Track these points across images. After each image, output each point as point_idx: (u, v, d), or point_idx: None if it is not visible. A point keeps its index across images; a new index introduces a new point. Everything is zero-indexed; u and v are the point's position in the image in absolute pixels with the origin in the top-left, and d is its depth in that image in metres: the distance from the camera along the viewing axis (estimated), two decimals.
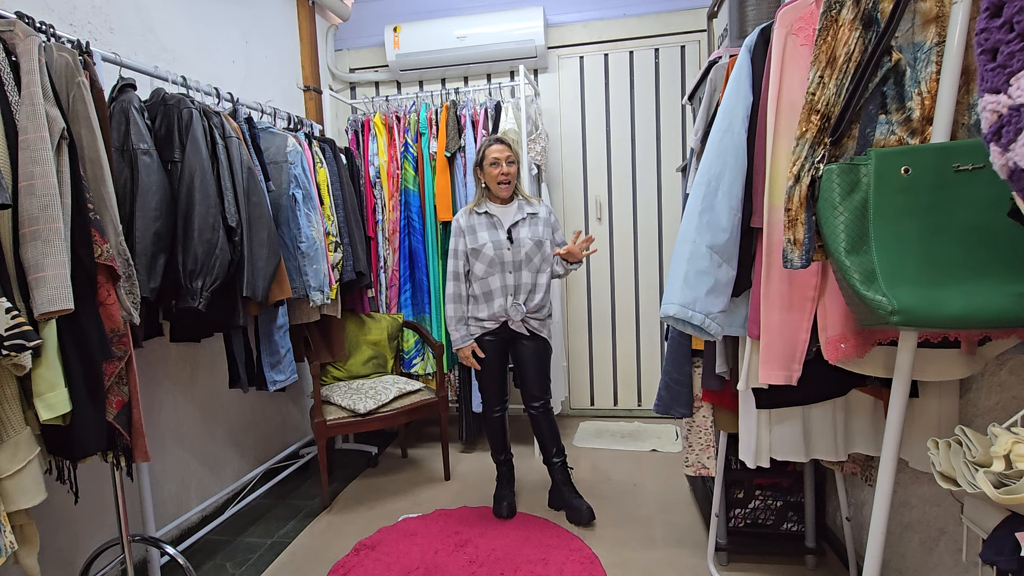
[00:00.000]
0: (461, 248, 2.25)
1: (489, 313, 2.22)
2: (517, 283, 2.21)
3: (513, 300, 2.20)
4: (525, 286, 2.21)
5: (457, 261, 2.26)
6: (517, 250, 2.21)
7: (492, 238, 2.20)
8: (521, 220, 2.23)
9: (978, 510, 0.91)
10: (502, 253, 2.20)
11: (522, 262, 2.21)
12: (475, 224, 2.24)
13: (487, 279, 2.21)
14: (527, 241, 2.21)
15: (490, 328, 2.25)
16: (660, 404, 1.87)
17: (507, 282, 2.20)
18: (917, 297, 0.91)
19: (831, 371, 1.25)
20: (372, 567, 1.98)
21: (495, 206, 2.26)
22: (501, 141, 2.22)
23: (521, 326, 2.23)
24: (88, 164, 1.45)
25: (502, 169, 2.20)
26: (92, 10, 1.96)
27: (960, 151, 0.92)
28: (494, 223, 2.23)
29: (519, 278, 2.21)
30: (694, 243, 1.29)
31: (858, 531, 1.79)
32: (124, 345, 1.50)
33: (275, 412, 2.90)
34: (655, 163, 3.38)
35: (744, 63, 1.31)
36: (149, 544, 1.84)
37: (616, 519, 2.24)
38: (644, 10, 3.29)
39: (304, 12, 3.18)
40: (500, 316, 2.21)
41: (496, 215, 2.24)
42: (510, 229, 2.22)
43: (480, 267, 2.22)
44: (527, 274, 2.21)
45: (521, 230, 2.22)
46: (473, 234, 2.23)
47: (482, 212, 2.25)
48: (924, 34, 0.99)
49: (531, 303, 2.21)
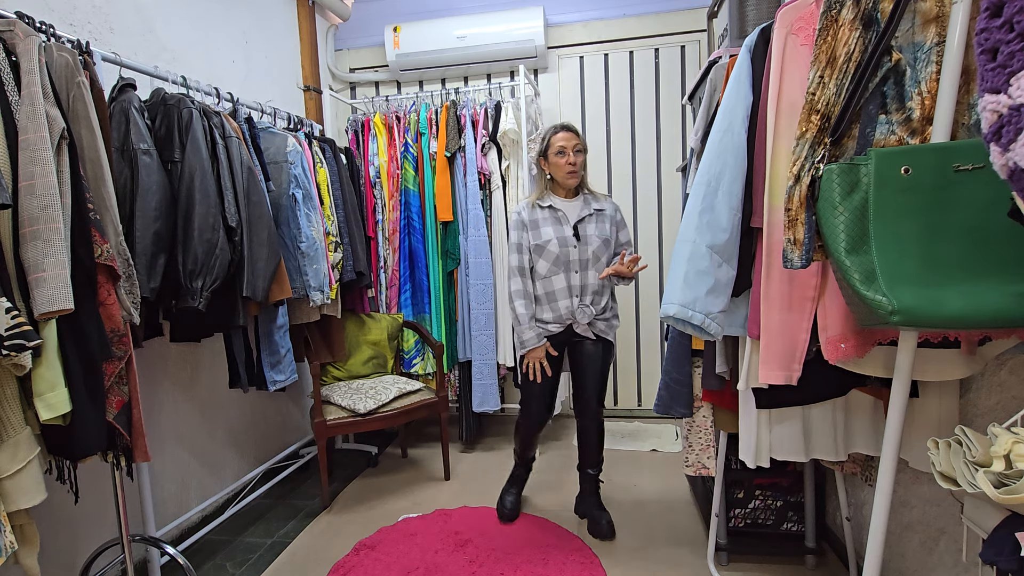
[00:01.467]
0: (524, 243, 2.09)
1: (554, 315, 2.08)
2: (583, 283, 2.06)
3: (580, 302, 2.07)
4: (592, 287, 2.07)
5: (522, 256, 2.09)
6: (584, 248, 2.05)
7: (557, 234, 2.05)
8: (588, 216, 2.08)
9: (978, 510, 0.91)
10: (568, 251, 2.05)
11: (589, 261, 2.06)
12: (539, 218, 2.08)
13: (551, 278, 2.07)
14: (595, 239, 2.06)
15: (554, 332, 2.11)
16: (660, 404, 1.87)
17: (572, 282, 2.06)
18: (917, 297, 0.91)
19: (831, 371, 1.24)
20: (372, 567, 1.98)
21: (560, 200, 2.11)
22: (568, 128, 2.08)
23: (588, 330, 2.10)
24: (88, 164, 1.45)
25: (569, 159, 2.04)
26: (92, 10, 1.96)
27: (960, 151, 0.92)
28: (559, 218, 2.07)
29: (585, 278, 2.06)
30: (694, 243, 1.29)
31: (858, 531, 1.79)
32: (124, 345, 1.50)
33: (275, 412, 2.90)
34: (655, 163, 3.38)
35: (744, 63, 1.31)
36: (149, 544, 1.84)
37: (616, 519, 2.24)
38: (644, 10, 3.29)
39: (304, 12, 3.18)
40: (566, 319, 2.08)
41: (561, 210, 2.08)
42: (576, 225, 2.06)
43: (544, 265, 2.07)
44: (594, 274, 2.06)
45: (588, 227, 2.07)
46: (537, 229, 2.07)
47: (546, 206, 2.09)
48: (924, 34, 0.99)
49: (598, 305, 2.09)
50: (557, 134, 2.06)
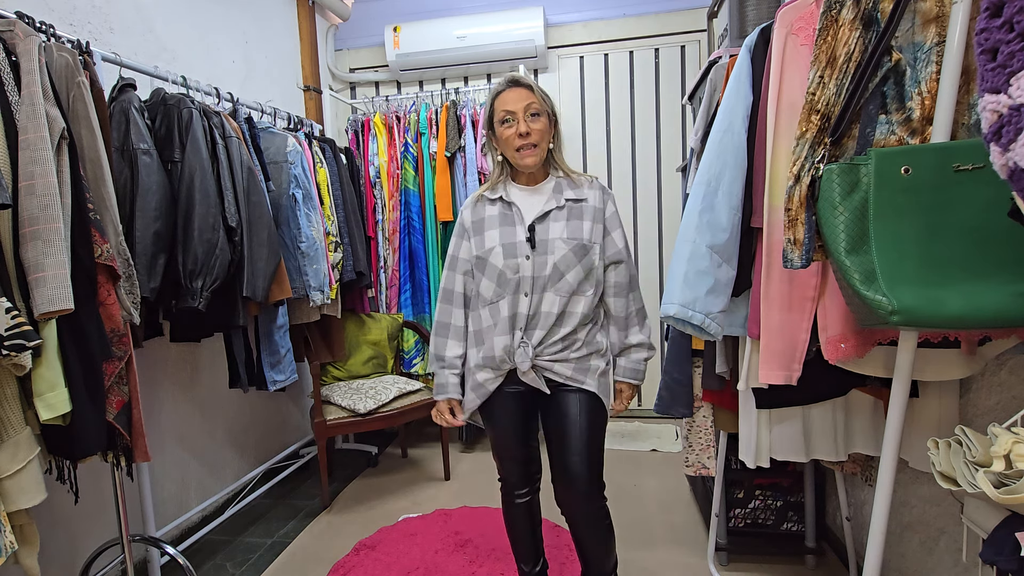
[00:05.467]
0: (463, 255, 1.47)
1: (485, 355, 1.42)
2: (534, 311, 1.37)
3: (521, 338, 1.38)
4: (544, 317, 1.37)
5: (453, 274, 1.48)
6: (542, 260, 1.37)
7: (504, 239, 1.39)
8: (555, 211, 1.39)
9: (978, 510, 0.91)
10: (516, 263, 1.37)
11: (547, 279, 1.36)
12: (484, 218, 1.44)
13: (497, 303, 1.40)
14: (559, 246, 1.37)
15: (488, 385, 1.43)
16: (660, 404, 1.87)
17: (518, 309, 1.38)
18: (917, 297, 0.91)
19: (831, 371, 1.24)
20: (372, 567, 1.97)
21: (518, 189, 1.45)
22: (517, 83, 1.39)
23: (536, 379, 1.40)
24: (88, 164, 1.45)
25: (519, 127, 1.36)
26: (92, 10, 1.96)
27: (960, 151, 0.92)
28: (511, 216, 1.41)
29: (537, 304, 1.37)
30: (694, 243, 1.29)
31: (858, 531, 1.79)
32: (124, 345, 1.50)
33: (275, 412, 2.90)
34: (655, 163, 3.38)
35: (744, 63, 1.31)
36: (149, 544, 1.84)
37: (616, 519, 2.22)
38: (644, 10, 3.29)
39: (304, 12, 3.18)
40: (503, 362, 1.40)
41: (516, 203, 1.42)
42: (533, 225, 1.39)
43: (488, 285, 1.41)
44: (551, 299, 1.37)
45: (552, 227, 1.38)
46: (480, 234, 1.43)
47: (495, 199, 1.44)
48: (924, 34, 0.99)
49: (549, 339, 1.37)
50: (501, 94, 1.39)
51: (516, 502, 1.55)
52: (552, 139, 1.44)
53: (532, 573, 1.62)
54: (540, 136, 1.38)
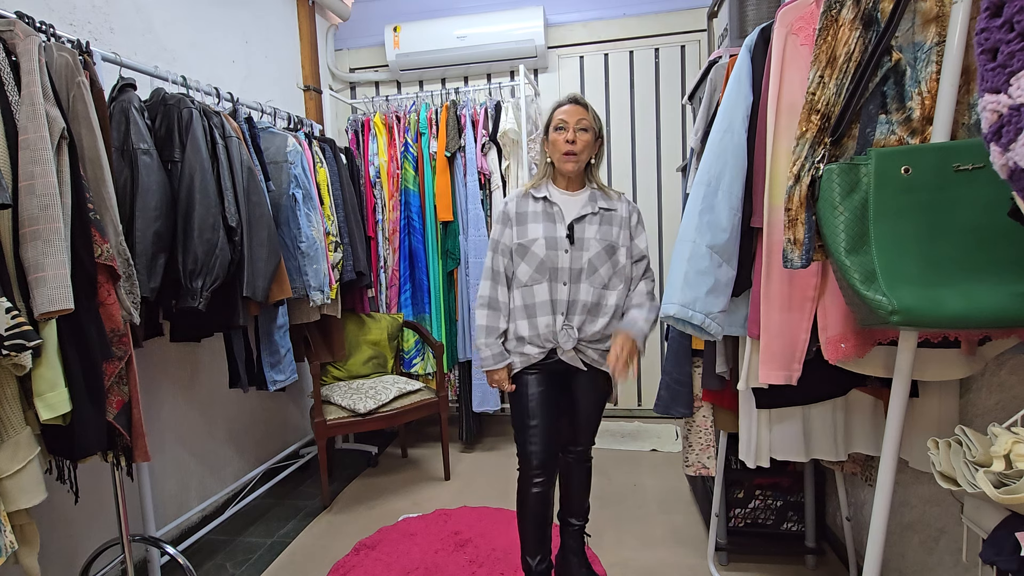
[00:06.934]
0: (505, 241, 1.69)
1: (531, 333, 1.64)
2: (572, 298, 1.62)
3: (564, 321, 1.62)
4: (582, 305, 1.62)
5: (497, 256, 1.69)
6: (578, 255, 1.62)
7: (547, 233, 1.63)
8: (591, 215, 1.65)
9: (978, 510, 0.91)
10: (556, 256, 1.62)
11: (583, 272, 1.62)
12: (528, 212, 1.67)
13: (532, 288, 1.64)
14: (594, 244, 1.62)
15: (533, 356, 1.64)
16: (660, 404, 1.87)
17: (557, 295, 1.62)
18: (917, 297, 0.91)
19: (831, 371, 1.25)
20: (372, 567, 1.97)
21: (559, 191, 1.69)
22: (575, 101, 1.65)
23: (575, 357, 1.65)
24: (88, 164, 1.45)
25: (567, 135, 1.60)
26: (92, 10, 1.96)
27: (960, 151, 0.92)
28: (553, 214, 1.65)
29: (575, 292, 1.62)
30: (694, 243, 1.29)
31: (858, 531, 1.79)
32: (124, 345, 1.50)
33: (275, 412, 2.90)
34: (655, 163, 3.39)
35: (744, 63, 1.31)
36: (149, 544, 1.84)
37: (616, 519, 2.24)
38: (644, 10, 3.29)
39: (304, 12, 3.18)
40: (547, 340, 1.63)
41: (558, 204, 1.66)
42: (572, 224, 1.64)
43: (525, 271, 1.65)
44: (587, 289, 1.62)
45: (588, 228, 1.64)
46: (524, 225, 1.66)
47: (540, 197, 1.67)
48: (924, 34, 0.99)
49: (590, 329, 1.63)
50: (561, 107, 1.65)
51: (533, 490, 1.65)
52: (594, 156, 1.70)
53: (537, 568, 1.71)
54: (583, 147, 1.63)
